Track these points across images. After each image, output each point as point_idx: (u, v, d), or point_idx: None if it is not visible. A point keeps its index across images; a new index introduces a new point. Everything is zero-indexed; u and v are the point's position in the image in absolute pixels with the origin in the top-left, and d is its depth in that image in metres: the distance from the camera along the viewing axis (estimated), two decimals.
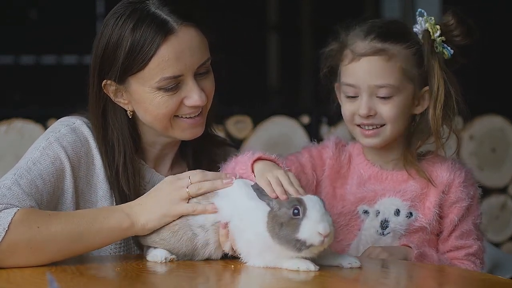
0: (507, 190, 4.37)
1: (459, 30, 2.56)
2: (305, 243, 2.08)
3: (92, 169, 2.45)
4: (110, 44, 2.39)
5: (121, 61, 2.37)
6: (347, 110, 2.56)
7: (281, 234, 2.09)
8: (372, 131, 2.53)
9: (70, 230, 2.21)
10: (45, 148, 2.38)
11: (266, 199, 2.14)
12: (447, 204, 2.57)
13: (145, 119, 2.45)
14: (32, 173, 2.33)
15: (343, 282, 2.09)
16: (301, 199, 2.10)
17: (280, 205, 2.12)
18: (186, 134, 2.46)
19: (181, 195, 2.24)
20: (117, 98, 2.45)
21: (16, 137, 3.77)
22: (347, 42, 2.55)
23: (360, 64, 2.51)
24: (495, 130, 4.36)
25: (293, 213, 2.09)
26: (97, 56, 2.43)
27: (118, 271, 2.17)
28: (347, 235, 2.58)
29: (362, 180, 2.60)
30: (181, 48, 2.36)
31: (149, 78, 2.37)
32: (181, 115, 2.42)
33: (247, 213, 2.18)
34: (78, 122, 2.46)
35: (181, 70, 2.36)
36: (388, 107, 2.51)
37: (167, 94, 2.38)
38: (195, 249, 2.25)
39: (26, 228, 2.18)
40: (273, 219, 2.11)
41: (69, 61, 5.68)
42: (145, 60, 2.35)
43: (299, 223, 2.08)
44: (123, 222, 2.24)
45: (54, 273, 2.10)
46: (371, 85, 2.49)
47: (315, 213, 2.08)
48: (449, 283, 2.15)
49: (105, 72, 2.41)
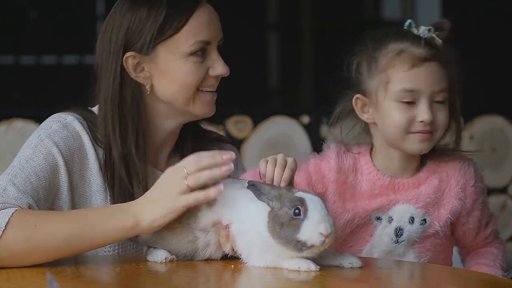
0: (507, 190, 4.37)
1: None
2: (306, 244, 2.07)
3: (85, 163, 2.45)
4: (140, 12, 2.43)
5: (155, 27, 2.41)
6: (403, 117, 2.51)
7: (281, 234, 2.09)
8: (428, 135, 2.52)
9: (70, 229, 2.19)
10: (37, 145, 2.39)
11: (266, 199, 2.13)
12: (465, 209, 2.59)
13: (167, 92, 2.47)
14: (25, 170, 2.33)
15: (344, 282, 2.09)
16: (302, 199, 2.10)
17: (281, 205, 2.11)
18: (205, 109, 2.50)
19: (181, 187, 2.19)
20: (137, 73, 2.46)
21: (16, 137, 3.77)
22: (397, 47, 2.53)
23: (422, 70, 2.50)
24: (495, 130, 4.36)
25: (294, 213, 2.09)
26: (122, 29, 2.45)
27: (118, 271, 2.17)
28: (358, 241, 2.58)
29: (374, 190, 2.57)
30: (210, 16, 2.47)
31: (182, 43, 2.42)
32: (204, 88, 2.48)
33: (248, 214, 2.17)
34: (70, 118, 2.47)
35: (210, 37, 2.45)
36: (444, 112, 2.52)
37: (197, 61, 2.44)
38: (196, 250, 2.25)
39: (24, 228, 2.18)
40: (274, 219, 2.11)
41: (69, 61, 5.68)
42: (182, 22, 2.42)
43: (300, 223, 2.07)
44: (127, 222, 2.21)
45: (54, 273, 2.09)
46: (435, 90, 2.50)
47: (316, 214, 2.08)
48: (450, 283, 2.15)
49: (130, 45, 2.44)
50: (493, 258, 2.67)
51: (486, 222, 2.66)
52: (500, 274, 2.61)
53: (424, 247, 2.55)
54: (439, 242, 2.58)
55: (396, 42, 2.54)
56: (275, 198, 2.13)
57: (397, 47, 2.53)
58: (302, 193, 2.13)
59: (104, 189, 2.45)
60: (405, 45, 2.53)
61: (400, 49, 2.53)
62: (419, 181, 2.58)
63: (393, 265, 2.41)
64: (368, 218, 2.57)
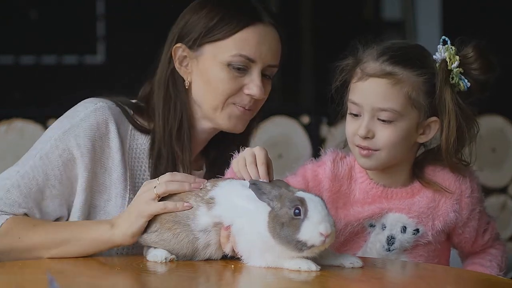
0: (507, 190, 4.37)
1: (478, 64, 2.50)
2: (306, 244, 2.07)
3: (107, 152, 2.49)
4: (201, 12, 2.51)
5: (209, 25, 2.48)
6: (350, 128, 2.52)
7: (282, 234, 2.09)
8: (367, 151, 2.49)
9: (51, 240, 2.34)
10: (57, 139, 2.45)
11: (266, 199, 2.13)
12: (461, 221, 2.57)
13: (200, 93, 2.52)
14: (36, 170, 2.42)
15: (344, 282, 2.09)
16: (303, 199, 2.10)
17: (281, 205, 2.11)
18: (230, 123, 2.53)
19: (150, 195, 2.27)
20: (181, 65, 2.54)
21: (16, 137, 3.77)
22: (361, 60, 2.52)
23: (366, 84, 2.48)
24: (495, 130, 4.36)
25: (294, 213, 2.08)
26: (183, 19, 2.54)
27: (118, 271, 2.17)
28: (353, 246, 2.57)
29: (367, 199, 2.56)
30: (265, 38, 2.50)
31: (226, 50, 2.47)
32: (235, 102, 2.50)
33: (248, 215, 2.17)
34: (100, 105, 2.51)
35: (255, 56, 2.48)
36: (388, 132, 2.46)
37: (233, 74, 2.48)
38: (196, 250, 2.25)
39: (9, 239, 2.35)
40: (274, 219, 2.11)
41: (69, 61, 5.68)
42: (232, 30, 2.47)
43: (300, 223, 2.07)
44: (103, 233, 2.32)
45: (54, 273, 2.09)
46: (374, 107, 2.46)
47: (316, 214, 2.08)
48: (450, 283, 2.15)
49: (183, 36, 2.52)
50: (490, 258, 2.66)
51: (484, 230, 2.64)
52: (495, 273, 2.60)
53: (417, 253, 2.55)
54: (432, 249, 2.57)
55: (363, 53, 2.53)
56: (275, 198, 2.12)
57: (361, 57, 2.53)
58: (302, 192, 2.13)
59: (125, 178, 2.50)
60: (366, 58, 2.51)
61: (359, 60, 2.53)
62: (413, 191, 2.57)
63: (393, 265, 2.41)
64: (361, 225, 2.56)
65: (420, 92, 2.47)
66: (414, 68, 2.47)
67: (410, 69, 2.47)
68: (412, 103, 2.47)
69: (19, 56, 5.66)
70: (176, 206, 2.24)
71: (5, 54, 5.64)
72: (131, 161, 2.53)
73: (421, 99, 2.47)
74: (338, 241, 2.53)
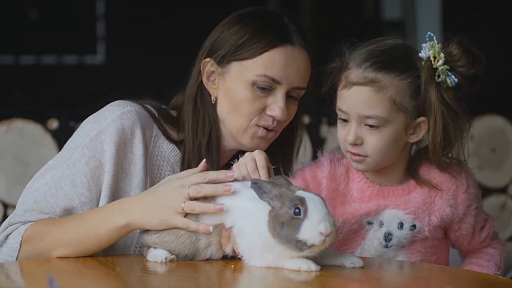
0: (507, 190, 4.36)
1: (463, 60, 2.49)
2: (306, 243, 2.07)
3: (130, 157, 2.48)
4: (232, 28, 2.49)
5: (238, 43, 2.47)
6: (340, 134, 2.54)
7: (281, 234, 2.09)
8: (358, 157, 2.51)
9: (71, 236, 2.32)
10: (84, 147, 2.44)
11: (267, 198, 2.13)
12: (457, 216, 2.57)
13: (225, 110, 2.52)
14: (64, 179, 2.42)
15: (344, 282, 2.09)
16: (303, 199, 2.10)
17: (282, 204, 2.11)
18: (252, 143, 2.51)
19: (178, 207, 2.24)
20: (209, 80, 2.53)
21: (16, 137, 3.76)
22: (347, 65, 2.52)
23: (350, 92, 2.48)
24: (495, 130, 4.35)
25: (294, 212, 2.08)
26: (215, 33, 2.53)
27: (118, 271, 2.17)
28: (352, 244, 2.58)
29: (364, 198, 2.58)
30: (292, 60, 2.47)
31: (252, 69, 2.45)
32: (260, 124, 2.49)
33: (249, 215, 2.17)
34: (128, 109, 2.49)
35: (281, 78, 2.46)
36: (375, 138, 2.48)
37: (257, 94, 2.46)
38: (197, 250, 2.25)
39: (33, 244, 2.34)
40: (274, 219, 2.11)
41: (69, 61, 5.68)
42: (260, 50, 2.45)
43: (300, 223, 2.07)
44: (118, 222, 2.29)
45: (54, 273, 2.09)
46: (360, 114, 2.47)
47: (316, 213, 2.08)
48: (449, 282, 2.15)
49: (213, 51, 2.51)
50: (488, 258, 2.66)
51: (481, 226, 2.64)
52: (493, 273, 2.60)
53: (415, 249, 2.56)
54: (429, 245, 2.57)
55: (348, 56, 2.53)
56: (275, 197, 2.12)
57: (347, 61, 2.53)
58: (303, 192, 2.13)
59: (144, 185, 2.49)
60: (350, 63, 2.51)
61: (345, 64, 2.52)
62: (409, 188, 2.58)
63: (393, 265, 2.41)
64: (358, 223, 2.56)
65: (405, 96, 2.47)
66: (397, 72, 2.47)
67: (393, 74, 2.47)
68: (397, 108, 2.47)
69: (19, 56, 5.66)
70: (198, 229, 2.22)
71: (5, 54, 5.64)
72: (152, 168, 2.52)
73: (406, 102, 2.47)
74: (337, 239, 2.53)
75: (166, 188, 2.28)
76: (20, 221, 2.39)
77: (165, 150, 2.54)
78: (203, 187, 2.23)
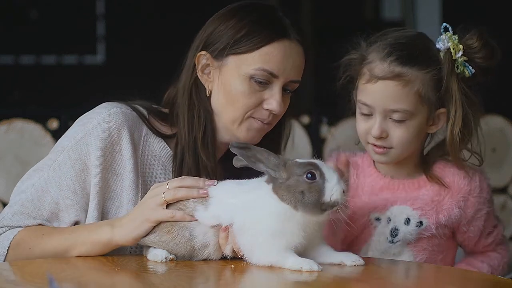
0: (507, 190, 4.36)
1: (482, 52, 2.54)
2: (330, 204, 2.11)
3: (118, 159, 2.48)
4: (228, 22, 2.49)
5: (236, 37, 2.47)
6: (361, 127, 2.56)
7: (305, 201, 2.11)
8: (382, 149, 2.53)
9: (57, 246, 2.36)
10: (69, 150, 2.45)
11: (264, 167, 2.16)
12: (466, 219, 2.58)
13: (220, 103, 2.52)
14: (50, 182, 2.44)
15: (344, 281, 2.09)
16: (315, 163, 2.13)
17: (289, 174, 2.13)
18: (247, 135, 2.51)
19: (158, 200, 2.28)
20: (203, 73, 2.53)
21: (16, 137, 3.76)
22: (366, 57, 2.53)
23: (376, 87, 2.49)
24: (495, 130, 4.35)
25: (307, 177, 2.11)
26: (210, 27, 2.53)
27: (118, 271, 2.17)
28: (361, 240, 2.59)
29: (374, 191, 2.59)
30: (290, 54, 2.48)
31: (250, 63, 2.46)
32: (255, 116, 2.50)
33: (247, 205, 2.18)
34: (114, 110, 2.49)
35: (279, 71, 2.47)
36: (401, 131, 2.50)
37: (254, 88, 2.47)
38: (193, 250, 2.26)
39: (21, 251, 2.38)
40: (289, 190, 2.12)
41: (69, 61, 5.67)
42: (258, 45, 2.45)
43: (322, 186, 2.11)
44: (104, 235, 2.33)
45: (54, 273, 2.09)
46: (386, 108, 2.49)
47: (332, 174, 2.13)
48: (450, 283, 2.15)
49: (209, 45, 2.51)
50: (482, 259, 2.66)
51: (488, 232, 2.64)
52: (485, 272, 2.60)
53: (421, 246, 2.56)
54: (436, 243, 2.58)
55: (367, 49, 2.54)
56: (277, 167, 2.14)
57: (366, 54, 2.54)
58: (302, 159, 2.16)
59: (136, 185, 2.49)
60: (372, 56, 2.52)
61: (364, 57, 2.54)
62: (420, 184, 2.58)
63: (393, 265, 2.41)
64: (367, 218, 2.57)
65: (429, 88, 2.50)
66: (422, 65, 2.50)
67: (418, 68, 2.49)
68: (422, 100, 2.50)
69: (19, 56, 5.65)
70: (184, 216, 2.25)
71: (5, 54, 5.64)
72: (143, 167, 2.53)
73: (431, 94, 2.51)
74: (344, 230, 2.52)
75: (146, 197, 2.33)
76: (8, 225, 2.41)
77: (156, 149, 2.54)
78: (179, 191, 2.27)
